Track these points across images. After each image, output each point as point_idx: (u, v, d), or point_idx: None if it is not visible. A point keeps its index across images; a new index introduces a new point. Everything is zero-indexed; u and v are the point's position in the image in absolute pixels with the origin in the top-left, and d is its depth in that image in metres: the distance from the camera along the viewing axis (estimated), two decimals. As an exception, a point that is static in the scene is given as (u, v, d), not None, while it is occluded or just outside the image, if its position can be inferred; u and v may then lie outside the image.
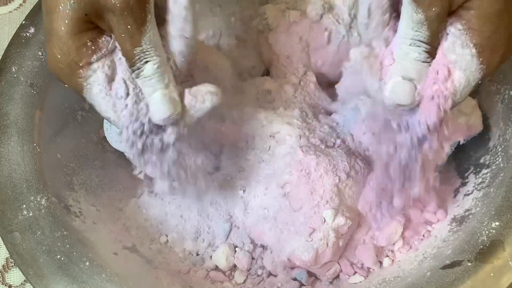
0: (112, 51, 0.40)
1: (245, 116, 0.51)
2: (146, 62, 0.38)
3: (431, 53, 0.39)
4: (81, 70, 0.39)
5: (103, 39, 0.39)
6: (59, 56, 0.39)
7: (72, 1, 0.37)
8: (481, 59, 0.39)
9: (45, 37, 0.39)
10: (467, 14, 0.38)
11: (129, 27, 0.37)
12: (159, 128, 0.41)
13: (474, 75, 0.39)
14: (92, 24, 0.38)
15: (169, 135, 0.40)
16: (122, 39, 0.38)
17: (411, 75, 0.39)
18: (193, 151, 0.44)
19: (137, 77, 0.39)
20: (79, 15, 0.37)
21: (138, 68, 0.39)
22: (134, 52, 0.38)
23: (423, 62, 0.39)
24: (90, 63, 0.39)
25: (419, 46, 0.38)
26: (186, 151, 0.43)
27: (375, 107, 0.42)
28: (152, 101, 0.39)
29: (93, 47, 0.39)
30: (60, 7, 0.37)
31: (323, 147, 0.49)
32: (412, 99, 0.39)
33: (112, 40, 0.39)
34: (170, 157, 0.42)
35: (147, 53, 0.38)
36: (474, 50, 0.39)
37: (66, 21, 0.37)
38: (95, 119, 0.53)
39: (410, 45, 0.39)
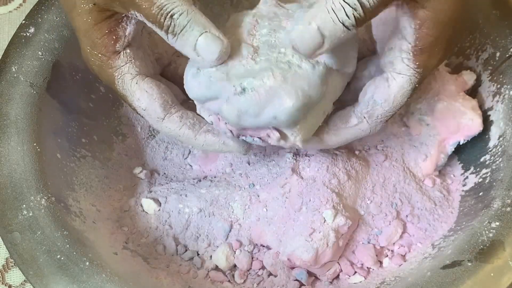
0: (133, 41, 0.41)
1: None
2: (171, 16, 0.37)
3: (359, 22, 0.36)
4: (110, 61, 0.41)
5: (120, 26, 0.40)
6: (88, 51, 0.41)
7: None
8: (417, 63, 0.39)
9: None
10: (423, 15, 0.38)
11: None
12: None
13: (410, 80, 0.40)
14: (105, 13, 0.39)
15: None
16: (137, 5, 0.38)
17: (325, 32, 0.36)
18: None
19: (173, 38, 0.38)
20: (90, 7, 0.39)
21: (168, 27, 0.38)
22: (153, 11, 0.37)
23: (346, 27, 0.36)
24: (116, 52, 0.41)
25: (354, 8, 0.36)
26: None
27: None
28: (198, 49, 0.38)
29: (113, 36, 0.40)
30: (76, 5, 0.39)
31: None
32: (311, 52, 0.37)
33: (129, 26, 0.40)
34: None
35: (165, 7, 0.37)
36: (411, 54, 0.39)
37: (83, 16, 0.39)
38: (95, 118, 0.53)
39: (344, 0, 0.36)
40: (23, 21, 0.51)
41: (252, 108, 0.38)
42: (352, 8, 0.36)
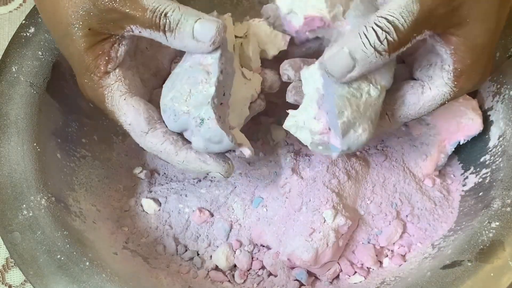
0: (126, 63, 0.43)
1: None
2: (165, 15, 0.39)
3: (392, 47, 0.37)
4: (100, 80, 0.42)
5: (113, 48, 0.41)
6: (81, 74, 0.42)
7: (75, 24, 0.40)
8: (455, 83, 0.40)
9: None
10: (456, 41, 0.39)
11: (127, 3, 0.39)
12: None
13: (444, 95, 0.41)
14: (100, 36, 0.41)
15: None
16: (131, 15, 0.39)
17: (357, 56, 0.37)
18: None
19: (172, 35, 0.39)
20: (85, 32, 0.40)
21: (164, 25, 0.39)
22: (147, 16, 0.39)
23: (377, 51, 0.37)
24: (107, 72, 0.42)
25: (387, 32, 0.36)
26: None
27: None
28: (196, 35, 0.39)
29: (106, 57, 0.41)
30: (68, 31, 0.40)
31: (323, 147, 0.49)
32: (342, 75, 0.38)
33: (121, 48, 0.41)
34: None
35: (157, 9, 0.39)
36: (451, 74, 0.40)
37: (77, 42, 0.40)
38: (95, 118, 0.53)
39: (376, 23, 0.36)
40: (23, 21, 0.51)
41: (213, 136, 0.40)
42: (385, 31, 0.36)
